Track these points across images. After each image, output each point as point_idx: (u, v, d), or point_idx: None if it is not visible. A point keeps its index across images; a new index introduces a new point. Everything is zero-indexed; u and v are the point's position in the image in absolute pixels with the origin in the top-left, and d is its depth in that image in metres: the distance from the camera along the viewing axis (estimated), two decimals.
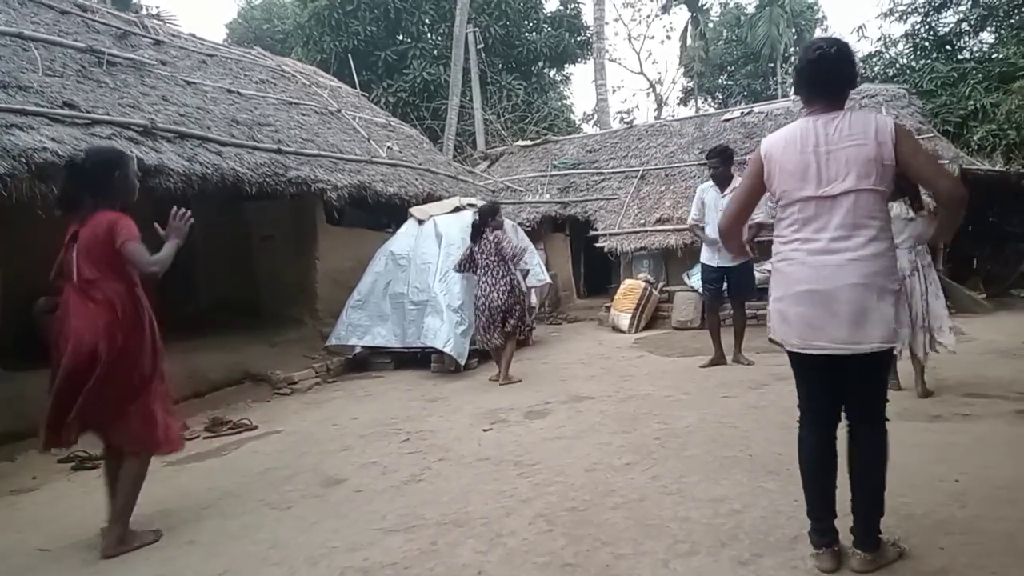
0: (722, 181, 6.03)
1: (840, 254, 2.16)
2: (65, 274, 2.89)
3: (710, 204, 6.05)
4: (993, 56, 16.09)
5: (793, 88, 2.42)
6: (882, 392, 2.32)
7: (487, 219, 6.15)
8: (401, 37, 19.67)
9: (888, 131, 2.16)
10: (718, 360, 6.07)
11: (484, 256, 6.09)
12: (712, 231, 5.92)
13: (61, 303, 2.89)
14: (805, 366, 2.31)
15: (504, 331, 6.03)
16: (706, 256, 6.12)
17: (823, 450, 2.31)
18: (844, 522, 2.29)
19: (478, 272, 6.16)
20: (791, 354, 2.33)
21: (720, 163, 6.07)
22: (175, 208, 3.00)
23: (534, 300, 8.50)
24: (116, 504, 2.87)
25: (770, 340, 2.40)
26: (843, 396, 2.29)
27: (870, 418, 2.26)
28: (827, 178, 2.18)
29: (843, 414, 2.32)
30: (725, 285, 6.13)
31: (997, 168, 10.75)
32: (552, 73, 23.49)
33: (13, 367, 5.14)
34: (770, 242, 2.46)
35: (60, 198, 3.02)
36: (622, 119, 28.34)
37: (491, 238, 6.06)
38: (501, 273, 6.03)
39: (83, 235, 2.84)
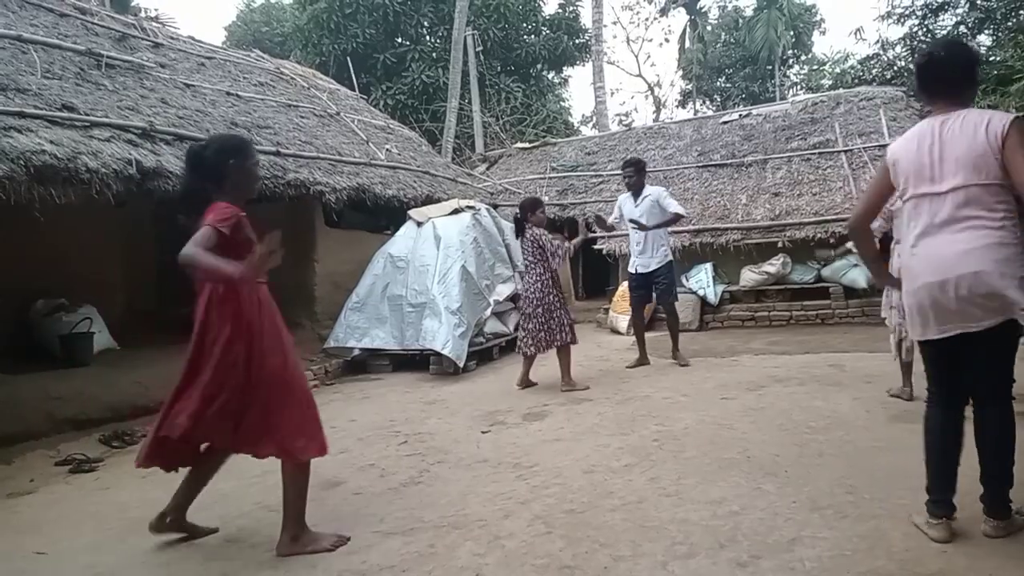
0: (636, 190, 6.31)
1: (957, 245, 2.28)
2: None
3: (626, 212, 6.32)
4: (991, 59, 16.11)
5: (916, 91, 2.59)
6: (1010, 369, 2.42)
7: (527, 213, 5.71)
8: (400, 40, 19.70)
9: (1000, 125, 2.22)
10: (643, 361, 6.37)
11: (525, 255, 5.78)
12: (636, 237, 6.32)
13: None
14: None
15: (550, 336, 5.63)
16: (631, 263, 6.47)
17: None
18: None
19: (522, 272, 5.90)
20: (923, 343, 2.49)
21: (634, 173, 6.34)
22: (273, 233, 2.56)
23: None
24: (283, 505, 2.79)
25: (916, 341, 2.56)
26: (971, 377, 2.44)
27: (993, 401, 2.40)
28: (938, 176, 2.32)
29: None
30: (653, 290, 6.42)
31: None
32: (551, 76, 23.53)
33: (9, 370, 5.15)
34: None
35: (182, 196, 2.84)
36: (621, 121, 28.39)
37: (529, 235, 5.68)
38: (539, 272, 5.66)
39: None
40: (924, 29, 17.63)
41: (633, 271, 6.43)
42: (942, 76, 2.40)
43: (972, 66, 2.45)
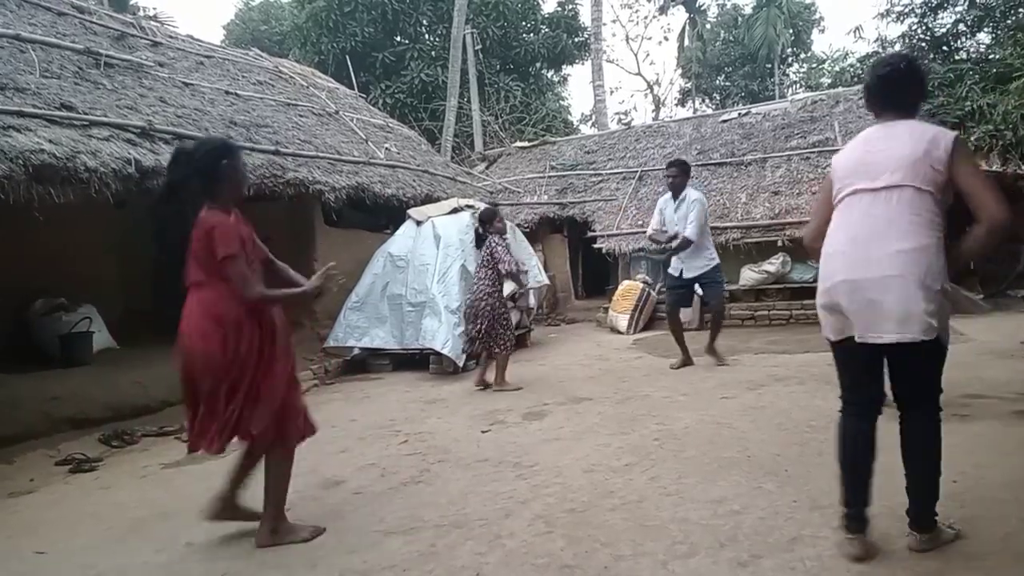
0: (676, 191, 6.17)
1: (882, 245, 2.23)
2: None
3: (667, 218, 6.21)
4: (990, 57, 16.10)
5: (865, 102, 2.54)
6: (935, 379, 2.40)
7: (487, 224, 5.97)
8: (399, 38, 19.67)
9: (947, 140, 2.21)
10: (687, 362, 6.21)
11: (480, 260, 5.98)
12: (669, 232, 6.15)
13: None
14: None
15: (485, 340, 5.85)
16: (674, 267, 6.17)
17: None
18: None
19: (475, 274, 6.06)
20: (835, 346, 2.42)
21: (678, 174, 6.20)
22: (331, 265, 2.87)
23: (532, 301, 8.51)
24: (265, 496, 2.81)
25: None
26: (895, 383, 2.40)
27: (919, 407, 2.38)
28: (873, 173, 2.28)
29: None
30: (699, 293, 6.37)
31: (994, 169, 10.78)
32: (550, 74, 23.49)
33: (8, 370, 5.14)
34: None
35: (163, 195, 2.87)
36: (620, 120, 28.37)
37: (486, 244, 5.91)
38: (492, 279, 5.86)
39: (194, 235, 2.69)
40: (923, 27, 17.62)
41: (676, 273, 6.17)
42: (903, 88, 2.38)
43: (924, 81, 2.52)
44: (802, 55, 29.32)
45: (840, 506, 2.37)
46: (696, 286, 6.25)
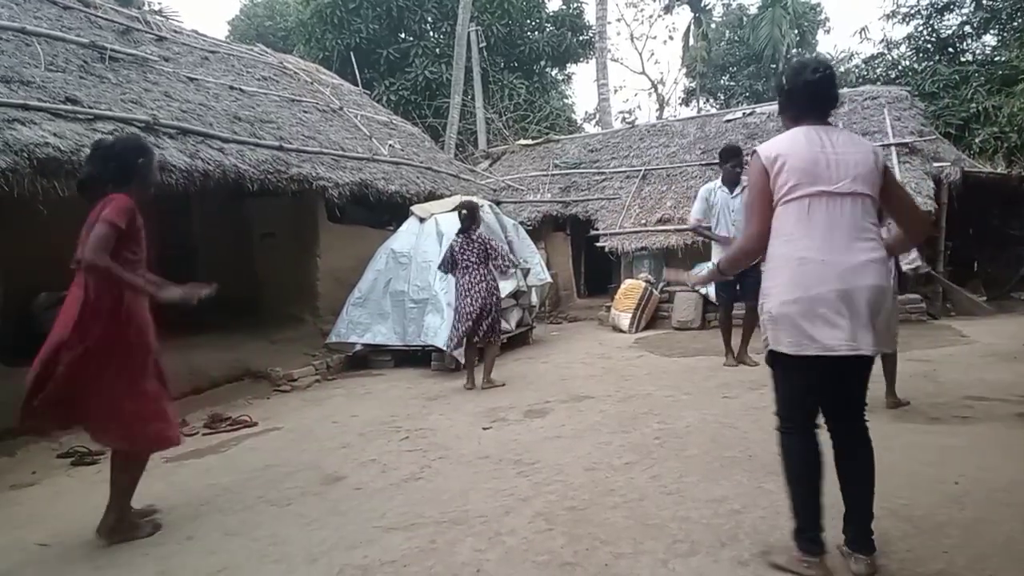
0: (733, 182, 5.99)
1: (857, 254, 2.14)
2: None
3: (720, 205, 5.99)
4: (996, 59, 16.09)
5: (781, 107, 2.41)
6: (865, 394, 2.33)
7: (475, 215, 5.92)
8: (403, 35, 19.67)
9: (880, 151, 2.29)
10: (742, 359, 6.02)
11: (467, 255, 5.88)
12: (725, 233, 5.95)
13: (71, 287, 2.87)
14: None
15: (478, 337, 5.85)
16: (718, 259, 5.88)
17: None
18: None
19: (457, 273, 5.94)
20: (791, 365, 2.22)
21: (738, 164, 5.98)
22: (211, 286, 3.09)
23: (534, 299, 8.51)
24: (111, 494, 2.90)
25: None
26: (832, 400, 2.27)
27: (862, 420, 2.28)
28: (835, 177, 2.17)
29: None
30: (738, 287, 6.04)
31: (999, 171, 10.75)
32: (554, 72, 23.48)
33: (13, 362, 5.15)
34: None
35: (82, 181, 3.01)
36: (624, 119, 28.26)
37: (475, 237, 5.86)
38: (480, 275, 5.82)
39: (90, 218, 2.83)
40: (929, 28, 17.58)
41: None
42: (829, 92, 2.32)
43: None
44: (807, 56, 29.24)
45: (797, 529, 2.24)
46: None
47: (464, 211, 5.96)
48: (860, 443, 2.26)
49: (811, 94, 2.30)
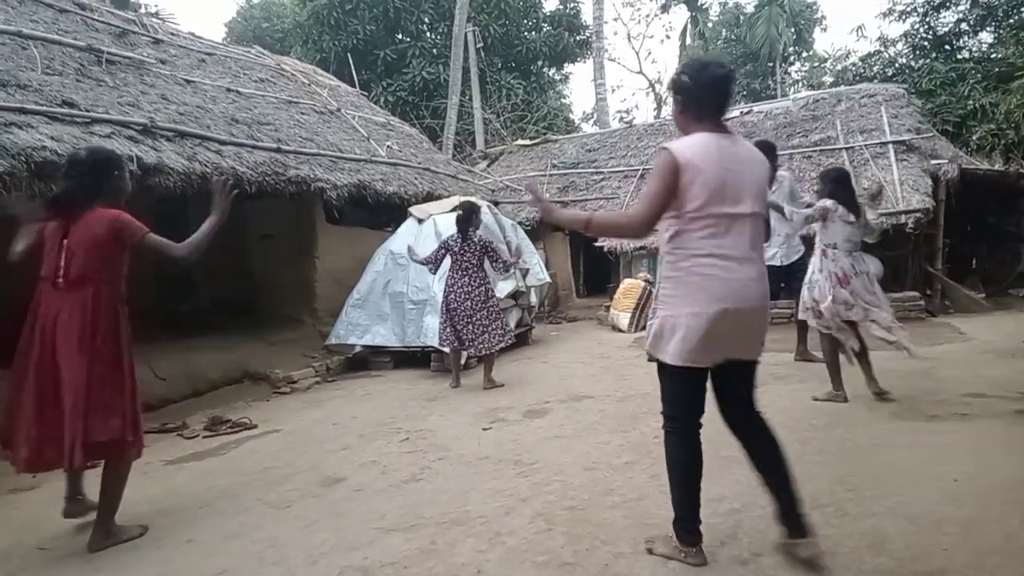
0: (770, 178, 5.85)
1: (751, 272, 2.29)
2: (47, 272, 2.87)
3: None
4: (992, 56, 16.11)
5: (682, 105, 2.39)
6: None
7: (472, 217, 5.87)
8: (400, 36, 19.67)
9: (767, 164, 2.41)
10: (807, 357, 5.77)
11: (467, 257, 5.85)
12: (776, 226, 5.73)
13: (39, 301, 2.88)
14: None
15: (483, 335, 5.80)
16: (769, 255, 5.49)
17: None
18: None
19: (453, 273, 5.88)
20: (682, 368, 2.35)
21: (774, 159, 5.71)
22: (221, 177, 3.02)
23: (534, 299, 8.51)
24: (101, 501, 2.91)
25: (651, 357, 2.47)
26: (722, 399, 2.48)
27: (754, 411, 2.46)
28: (738, 197, 2.26)
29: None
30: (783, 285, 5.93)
31: (996, 168, 10.77)
32: (551, 72, 23.49)
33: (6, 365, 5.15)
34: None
35: (57, 197, 2.99)
36: (621, 118, 28.30)
37: (476, 240, 5.84)
38: (480, 279, 5.82)
39: (77, 232, 2.82)
40: (925, 26, 17.60)
41: (777, 264, 5.75)
42: (730, 90, 2.36)
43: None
44: (804, 54, 29.25)
45: (676, 519, 2.40)
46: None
47: (462, 212, 5.94)
48: (769, 433, 2.42)
49: (715, 91, 2.33)
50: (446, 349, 6.16)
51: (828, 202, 4.43)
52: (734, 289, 2.23)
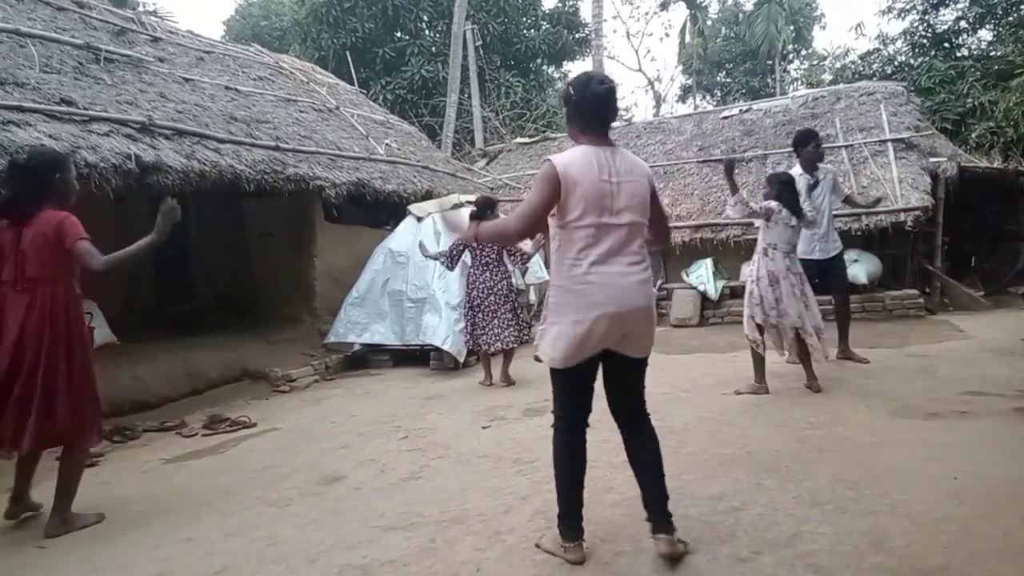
0: (813, 165, 5.63)
1: (630, 277, 2.38)
2: (7, 276, 2.94)
3: (802, 191, 5.44)
4: (991, 54, 16.12)
5: (569, 116, 2.53)
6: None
7: (487, 211, 5.74)
8: (399, 34, 19.63)
9: (651, 174, 2.51)
10: (848, 354, 5.64)
11: (485, 253, 5.85)
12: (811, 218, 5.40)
13: (1, 306, 2.94)
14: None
15: (507, 330, 5.81)
16: (803, 250, 5.28)
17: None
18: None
19: (474, 269, 5.91)
20: (566, 369, 2.43)
21: (818, 144, 5.68)
22: (167, 199, 3.05)
23: (532, 297, 8.51)
24: (58, 488, 3.02)
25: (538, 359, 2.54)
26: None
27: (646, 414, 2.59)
28: (616, 208, 2.34)
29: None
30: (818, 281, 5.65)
31: (995, 166, 10.76)
32: (550, 70, 23.46)
33: None
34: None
35: (4, 202, 3.06)
36: (621, 116, 28.32)
37: None
38: (503, 271, 5.83)
39: (29, 235, 2.90)
40: (924, 24, 17.60)
41: (816, 258, 5.54)
42: (612, 104, 2.44)
43: None
44: (803, 52, 29.26)
45: (560, 516, 2.46)
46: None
47: (477, 207, 5.85)
48: (650, 434, 2.55)
49: (596, 106, 2.41)
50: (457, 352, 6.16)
51: (774, 203, 4.65)
52: (614, 295, 2.33)
